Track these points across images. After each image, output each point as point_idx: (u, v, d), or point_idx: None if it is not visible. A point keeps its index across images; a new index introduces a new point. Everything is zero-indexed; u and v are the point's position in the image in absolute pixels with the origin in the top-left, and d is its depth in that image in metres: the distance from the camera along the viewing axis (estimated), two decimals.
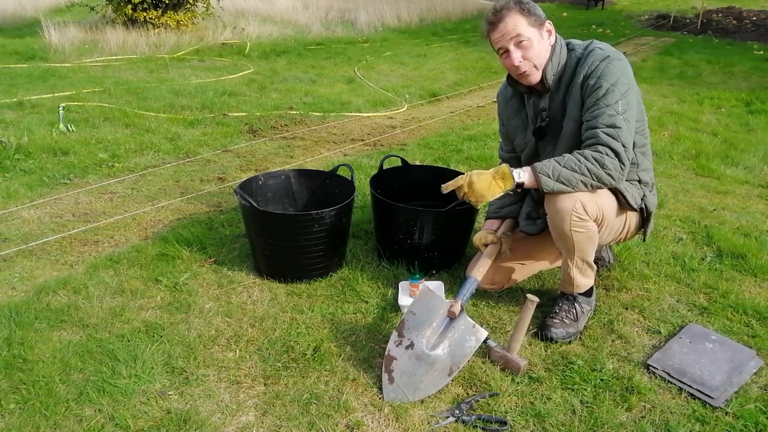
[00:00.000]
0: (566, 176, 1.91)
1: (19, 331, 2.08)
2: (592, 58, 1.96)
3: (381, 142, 4.40)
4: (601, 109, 1.92)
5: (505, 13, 1.95)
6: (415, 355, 1.90)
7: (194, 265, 2.57)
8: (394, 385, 1.85)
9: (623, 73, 1.94)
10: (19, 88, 5.50)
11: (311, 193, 2.79)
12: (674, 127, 4.85)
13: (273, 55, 7.77)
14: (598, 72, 1.93)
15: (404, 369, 1.87)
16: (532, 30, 1.96)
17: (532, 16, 1.96)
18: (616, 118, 1.90)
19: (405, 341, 1.93)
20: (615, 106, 1.90)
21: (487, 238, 2.25)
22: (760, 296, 2.42)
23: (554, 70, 2.02)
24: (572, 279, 2.13)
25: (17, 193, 3.26)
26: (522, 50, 1.97)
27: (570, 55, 2.04)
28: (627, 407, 1.81)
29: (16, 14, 9.86)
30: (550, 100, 2.09)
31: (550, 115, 2.11)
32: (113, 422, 1.71)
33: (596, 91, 1.93)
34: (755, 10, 13.54)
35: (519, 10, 1.95)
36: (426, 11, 12.03)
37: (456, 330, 1.93)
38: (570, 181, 1.92)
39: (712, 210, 3.25)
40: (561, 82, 2.05)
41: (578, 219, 1.95)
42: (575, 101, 2.01)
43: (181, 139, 4.25)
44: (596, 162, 1.90)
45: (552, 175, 1.92)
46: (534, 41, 1.97)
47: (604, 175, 1.91)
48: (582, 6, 15.55)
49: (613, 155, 1.90)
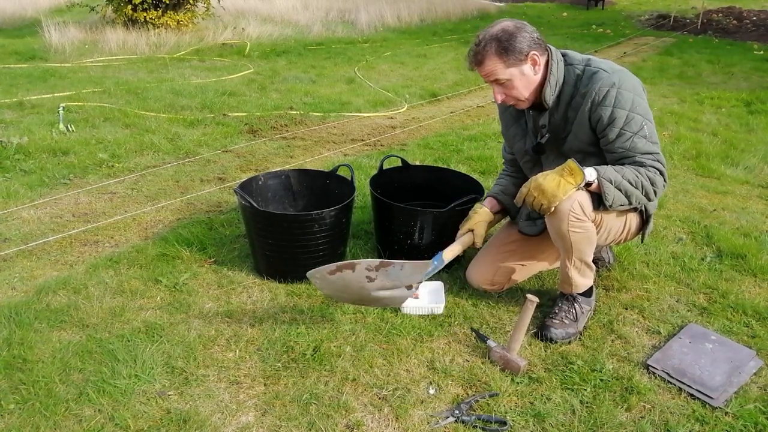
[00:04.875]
0: (626, 188, 1.92)
1: (19, 332, 2.08)
2: (599, 83, 1.93)
3: (381, 142, 4.40)
4: (630, 140, 1.92)
5: (481, 58, 1.95)
6: (360, 286, 1.99)
7: (194, 265, 2.57)
8: (329, 279, 1.96)
9: (635, 93, 1.94)
10: (19, 88, 5.50)
11: (311, 193, 2.79)
12: (674, 127, 4.85)
13: (273, 55, 7.76)
14: (611, 101, 1.92)
15: (345, 283, 1.98)
16: (512, 70, 1.94)
17: (510, 56, 1.91)
18: (647, 143, 1.93)
19: (372, 275, 1.96)
20: (642, 132, 1.93)
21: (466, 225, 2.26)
22: (759, 296, 2.42)
23: (552, 90, 2.00)
24: (571, 279, 2.13)
25: (17, 193, 3.26)
26: (503, 88, 1.99)
27: (568, 71, 2.02)
28: (627, 407, 1.81)
29: (16, 14, 9.85)
30: (549, 116, 2.08)
31: (551, 131, 2.11)
32: (113, 422, 1.71)
33: (615, 120, 1.92)
34: (755, 10, 13.53)
35: (496, 52, 1.92)
36: (426, 11, 12.02)
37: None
38: (628, 192, 1.92)
39: (712, 210, 3.25)
40: (560, 99, 2.04)
41: (576, 219, 1.95)
42: (581, 124, 2.00)
43: (181, 139, 4.25)
44: (649, 179, 1.93)
45: (613, 181, 1.91)
46: (515, 79, 1.96)
47: (652, 192, 1.95)
48: (582, 6, 15.53)
49: (660, 174, 1.94)
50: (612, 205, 1.93)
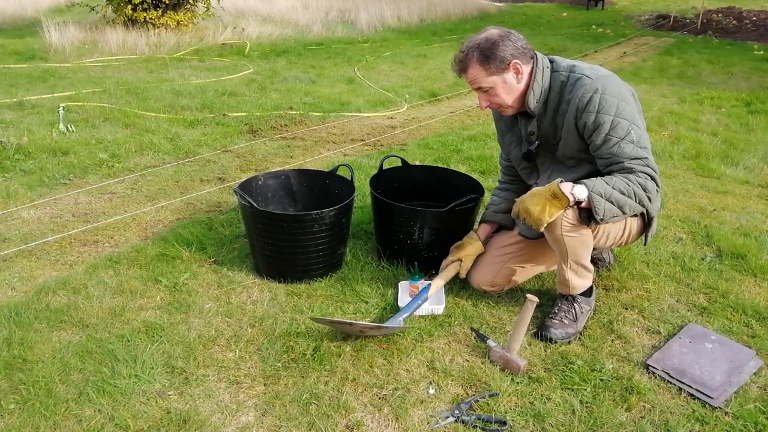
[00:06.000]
0: (617, 198, 1.89)
1: (19, 332, 2.08)
2: (582, 89, 1.93)
3: (381, 142, 4.40)
4: (617, 145, 1.90)
5: (464, 65, 1.99)
6: (355, 332, 2.10)
7: (194, 265, 2.57)
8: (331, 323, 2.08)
9: (620, 98, 1.92)
10: (19, 88, 5.50)
11: (311, 193, 2.79)
12: (674, 127, 4.85)
13: (273, 55, 7.77)
14: (594, 107, 1.90)
15: (342, 328, 2.09)
16: (494, 78, 1.96)
17: (492, 64, 1.94)
18: (635, 148, 1.90)
19: (366, 330, 2.07)
20: (629, 137, 1.90)
21: (456, 254, 2.35)
22: (759, 296, 2.42)
23: (537, 97, 2.01)
24: (568, 281, 2.14)
25: (17, 194, 3.26)
26: (487, 95, 2.02)
27: (554, 77, 2.02)
28: (626, 407, 1.81)
29: (16, 14, 9.85)
30: (538, 123, 2.09)
31: (540, 137, 2.12)
32: (113, 422, 1.71)
33: (600, 126, 1.90)
34: (755, 10, 13.52)
35: (478, 60, 1.95)
36: (426, 11, 12.02)
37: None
38: (620, 203, 1.90)
39: (712, 210, 3.25)
40: (548, 105, 2.04)
41: (569, 225, 1.95)
42: (569, 130, 2.00)
43: (181, 139, 4.25)
44: (641, 186, 1.90)
45: (604, 194, 1.89)
46: (498, 87, 1.98)
47: (645, 198, 1.92)
48: (582, 6, 15.53)
49: (651, 180, 1.92)
50: (603, 219, 1.91)
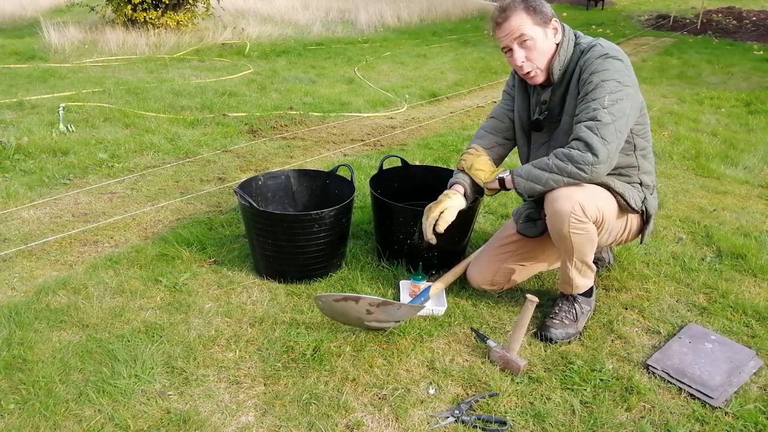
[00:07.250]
0: (536, 175, 1.97)
1: (19, 332, 2.08)
2: (591, 54, 1.97)
3: (381, 142, 4.40)
4: (587, 104, 1.92)
5: (510, 13, 1.97)
6: (357, 315, 2.04)
7: (194, 265, 2.57)
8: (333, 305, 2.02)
9: (618, 70, 1.93)
10: (19, 88, 5.50)
11: (311, 193, 2.79)
12: (674, 128, 4.85)
13: (273, 55, 7.76)
14: (592, 68, 1.94)
15: (345, 311, 2.03)
16: (537, 29, 1.97)
17: (537, 15, 1.97)
18: (599, 111, 1.88)
19: (371, 309, 2.01)
20: (601, 101, 1.89)
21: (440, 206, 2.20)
22: (759, 296, 2.42)
23: (560, 65, 2.03)
24: (571, 280, 2.13)
25: (17, 194, 3.26)
26: (525, 50, 1.99)
27: (575, 50, 2.04)
28: (627, 407, 1.81)
29: (16, 14, 9.84)
30: (551, 93, 2.10)
31: (549, 108, 2.12)
32: (113, 422, 1.71)
33: (586, 86, 1.94)
34: (755, 10, 13.52)
35: (525, 9, 1.97)
36: (426, 11, 12.02)
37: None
38: (539, 179, 1.97)
39: (712, 210, 3.25)
40: (564, 76, 2.06)
41: (577, 221, 1.95)
42: (573, 96, 2.02)
43: (181, 139, 4.25)
44: (565, 157, 1.92)
45: (524, 174, 2.00)
46: (538, 40, 1.98)
47: (573, 170, 1.91)
48: (582, 6, 15.53)
49: (585, 148, 1.88)
50: (525, 189, 2.00)
